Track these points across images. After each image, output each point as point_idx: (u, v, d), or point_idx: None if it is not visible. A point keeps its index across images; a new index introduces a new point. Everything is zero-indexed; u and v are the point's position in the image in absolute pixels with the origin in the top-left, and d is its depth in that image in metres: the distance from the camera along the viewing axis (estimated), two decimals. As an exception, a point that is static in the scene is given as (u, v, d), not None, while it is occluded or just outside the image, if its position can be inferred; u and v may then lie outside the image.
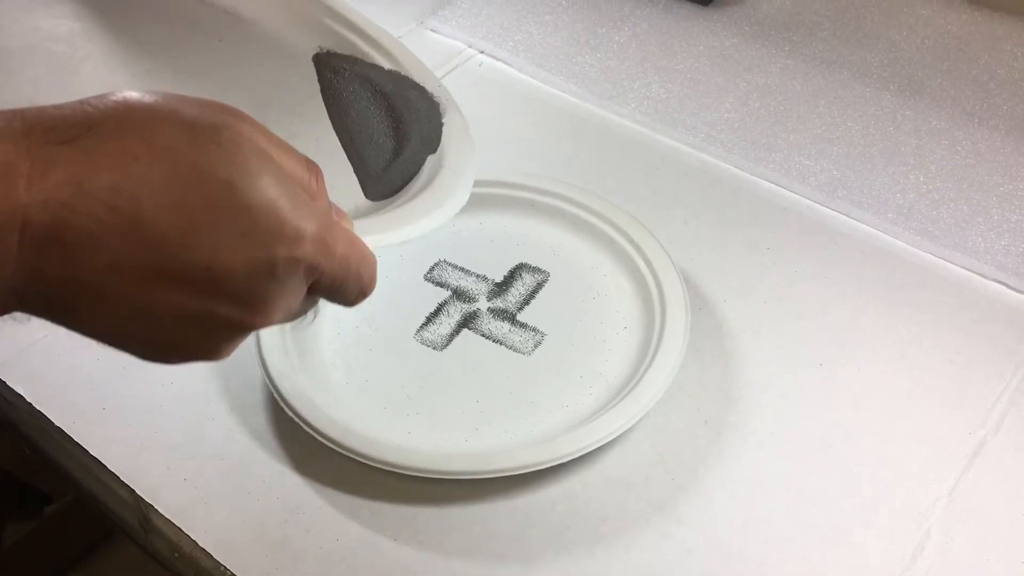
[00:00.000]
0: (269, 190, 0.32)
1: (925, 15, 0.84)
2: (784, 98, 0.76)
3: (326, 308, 0.60)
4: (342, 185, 0.48)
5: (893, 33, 0.83)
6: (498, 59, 0.81)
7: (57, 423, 0.55)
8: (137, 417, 0.56)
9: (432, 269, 0.63)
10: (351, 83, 0.52)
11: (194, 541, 0.50)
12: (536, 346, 0.58)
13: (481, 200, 0.65)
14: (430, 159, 0.50)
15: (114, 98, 0.31)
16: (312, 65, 0.53)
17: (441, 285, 0.62)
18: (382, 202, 0.49)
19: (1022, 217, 0.66)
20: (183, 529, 0.51)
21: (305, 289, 0.35)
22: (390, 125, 0.50)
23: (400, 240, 0.45)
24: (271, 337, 0.55)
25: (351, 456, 0.51)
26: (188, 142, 0.31)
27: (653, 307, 0.58)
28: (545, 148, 0.73)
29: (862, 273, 0.63)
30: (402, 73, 0.54)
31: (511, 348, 0.58)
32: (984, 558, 0.49)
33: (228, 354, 0.35)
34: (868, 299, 0.62)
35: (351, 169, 0.50)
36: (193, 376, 0.57)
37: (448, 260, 0.63)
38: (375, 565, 0.49)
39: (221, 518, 0.51)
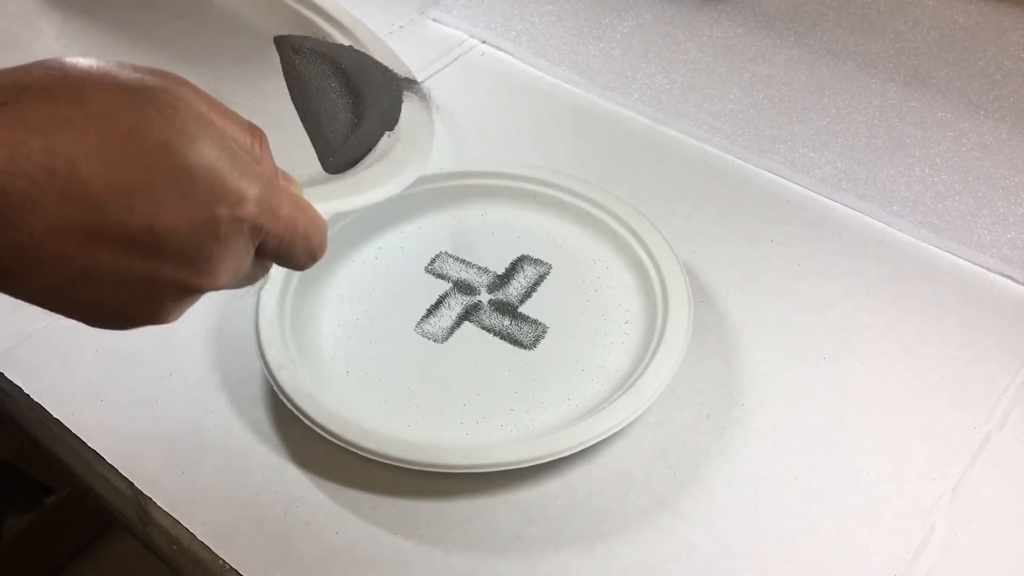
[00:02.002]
0: (209, 151, 0.32)
1: (931, 5, 0.84)
2: (788, 89, 0.76)
3: (326, 301, 0.60)
4: (301, 158, 0.49)
5: (899, 24, 0.82)
6: (500, 49, 0.80)
7: (55, 415, 0.55)
8: (135, 409, 0.55)
9: (433, 261, 0.62)
10: (312, 61, 0.52)
11: (192, 534, 0.50)
12: (538, 339, 0.58)
13: (483, 191, 0.65)
14: (388, 135, 0.51)
15: (49, 64, 0.31)
16: (272, 43, 0.53)
17: (442, 277, 0.61)
18: (339, 175, 0.49)
19: (1028, 210, 0.66)
20: (181, 522, 0.50)
21: (252, 251, 0.35)
22: (350, 101, 0.51)
23: (351, 207, 0.45)
24: (270, 329, 0.55)
25: (351, 449, 0.51)
26: (124, 105, 0.31)
27: (655, 300, 0.58)
28: (547, 139, 0.72)
29: (866, 266, 0.63)
30: (363, 51, 0.54)
31: (512, 341, 0.58)
32: (989, 554, 0.49)
33: (176, 317, 0.35)
34: (872, 293, 0.61)
35: (310, 143, 0.50)
36: (192, 368, 0.57)
37: (449, 252, 0.63)
38: (375, 559, 0.49)
39: (220, 511, 0.51)
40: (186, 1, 0.54)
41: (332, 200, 0.44)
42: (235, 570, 0.48)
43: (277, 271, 0.57)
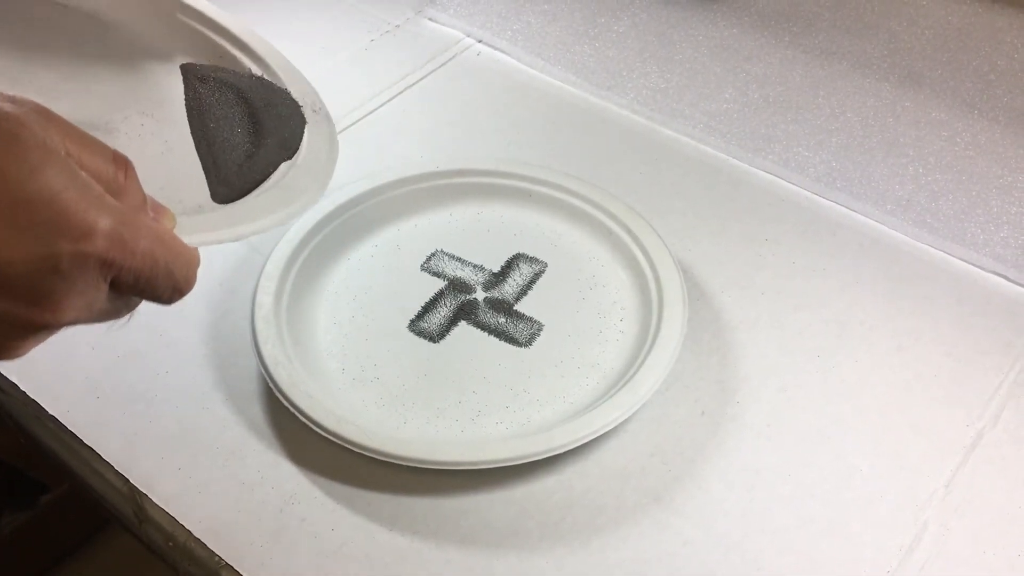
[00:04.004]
0: (52, 182, 0.31)
1: (925, 6, 0.84)
2: (783, 89, 0.76)
3: (322, 299, 0.60)
4: (192, 187, 0.47)
5: (893, 24, 0.82)
6: (496, 48, 0.81)
7: (51, 412, 0.55)
8: (131, 406, 0.55)
9: (429, 259, 0.62)
10: (216, 90, 0.51)
11: (188, 531, 0.50)
12: (533, 337, 0.58)
13: (478, 190, 0.65)
14: (285, 164, 0.49)
15: None
16: (177, 70, 0.52)
17: (438, 275, 0.61)
18: (230, 205, 0.48)
19: (1021, 209, 0.66)
20: (177, 519, 0.50)
21: (103, 286, 0.34)
22: (250, 130, 0.50)
23: (233, 237, 0.43)
24: (266, 326, 0.55)
25: (346, 446, 0.51)
26: None
27: (651, 298, 0.58)
28: (543, 138, 0.72)
29: (860, 265, 0.63)
30: (268, 79, 0.53)
31: (508, 339, 0.58)
32: (981, 550, 0.49)
33: (24, 351, 0.34)
34: (866, 291, 0.61)
35: (202, 172, 0.49)
36: (188, 365, 0.57)
37: (445, 250, 0.63)
38: (370, 555, 0.49)
39: (215, 508, 0.51)
40: (84, 26, 0.53)
41: (210, 231, 0.42)
42: (231, 566, 0.49)
43: (273, 267, 0.58)
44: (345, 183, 0.63)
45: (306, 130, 0.51)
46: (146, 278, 0.35)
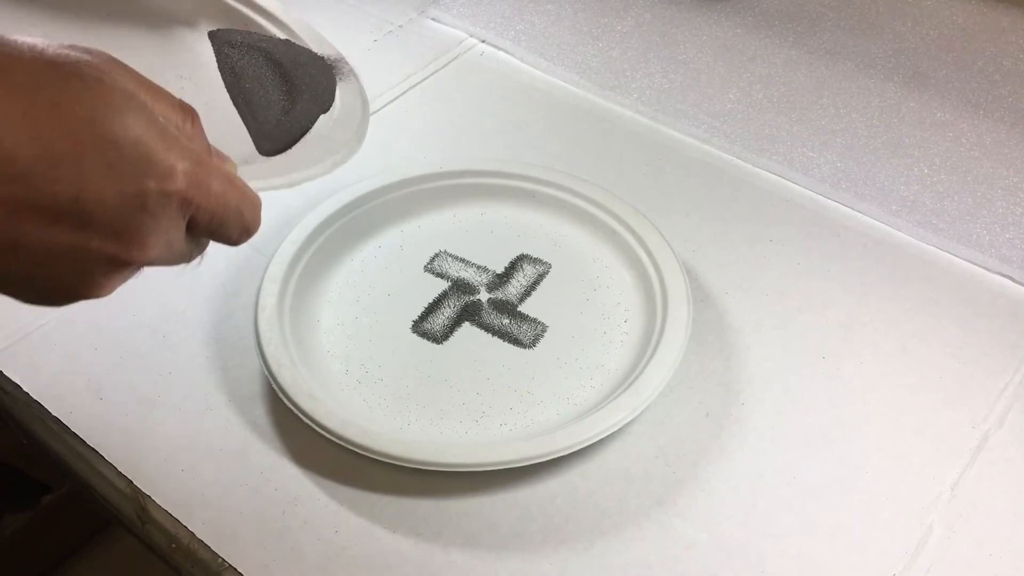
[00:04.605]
0: (135, 124, 0.32)
1: (930, 6, 0.84)
2: (788, 89, 0.76)
3: (325, 300, 0.60)
4: (236, 143, 0.49)
5: (898, 24, 0.82)
6: (500, 48, 0.80)
7: (54, 413, 0.55)
8: (135, 408, 0.55)
9: (432, 260, 0.62)
10: (246, 53, 0.53)
11: (191, 532, 0.50)
12: (537, 338, 0.58)
13: (482, 190, 0.65)
14: (323, 117, 0.52)
15: None
16: (205, 36, 0.55)
17: (441, 276, 0.61)
18: (279, 156, 0.50)
19: (1027, 210, 0.66)
20: (180, 520, 0.50)
21: (183, 225, 0.35)
22: (284, 89, 0.52)
23: (287, 184, 0.45)
24: (270, 328, 0.55)
25: (350, 448, 0.51)
26: (49, 78, 0.31)
27: (655, 299, 0.58)
28: (547, 139, 0.72)
29: (865, 266, 0.63)
30: (296, 42, 0.55)
31: (512, 340, 0.58)
32: (987, 553, 0.49)
33: (110, 290, 0.35)
34: (871, 292, 0.61)
35: (244, 129, 0.51)
36: (191, 366, 0.57)
37: (448, 251, 0.63)
38: (373, 557, 0.49)
39: (219, 509, 0.51)
40: (114, 1, 0.55)
41: (267, 178, 0.44)
42: (234, 568, 0.48)
43: (276, 269, 0.58)
44: (348, 184, 0.62)
45: (338, 86, 0.54)
46: (219, 218, 0.36)
